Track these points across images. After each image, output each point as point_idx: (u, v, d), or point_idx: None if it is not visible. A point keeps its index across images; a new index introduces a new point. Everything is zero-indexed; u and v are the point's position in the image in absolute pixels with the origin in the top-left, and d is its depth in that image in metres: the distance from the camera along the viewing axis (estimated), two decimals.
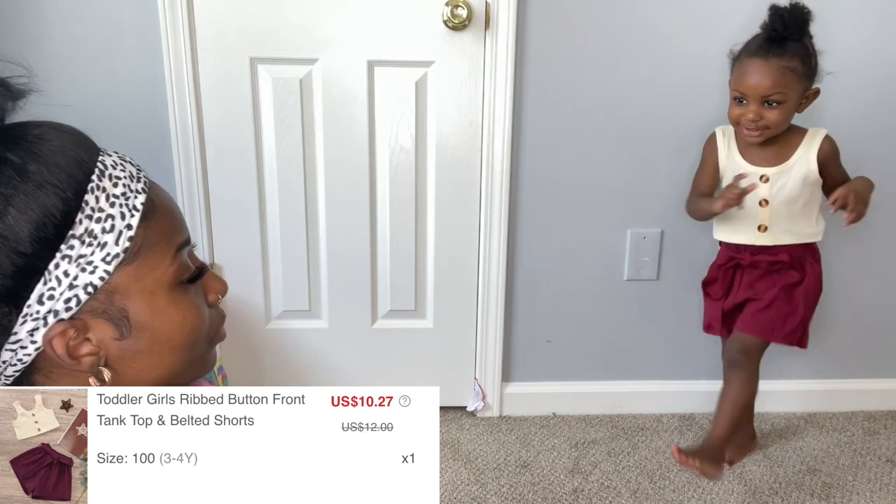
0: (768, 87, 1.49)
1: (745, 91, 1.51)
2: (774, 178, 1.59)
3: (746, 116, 1.52)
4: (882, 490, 1.73)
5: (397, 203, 1.82)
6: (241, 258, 1.84)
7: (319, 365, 1.94)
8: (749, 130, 1.54)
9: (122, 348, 0.64)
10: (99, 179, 0.62)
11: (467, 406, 1.98)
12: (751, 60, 1.51)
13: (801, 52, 1.50)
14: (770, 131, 1.54)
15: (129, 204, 0.63)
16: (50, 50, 1.65)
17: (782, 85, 1.49)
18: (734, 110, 1.55)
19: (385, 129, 1.76)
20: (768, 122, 1.52)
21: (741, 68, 1.53)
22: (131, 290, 0.63)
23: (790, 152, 1.59)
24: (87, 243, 0.60)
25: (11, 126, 0.62)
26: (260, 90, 1.73)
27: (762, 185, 1.59)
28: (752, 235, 1.63)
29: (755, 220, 1.62)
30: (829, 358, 2.00)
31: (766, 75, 1.49)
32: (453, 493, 1.70)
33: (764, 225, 1.61)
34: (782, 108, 1.51)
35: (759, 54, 1.50)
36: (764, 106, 1.51)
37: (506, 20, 1.67)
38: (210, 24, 1.67)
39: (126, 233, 0.62)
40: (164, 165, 1.73)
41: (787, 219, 1.61)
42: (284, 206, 1.81)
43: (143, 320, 0.64)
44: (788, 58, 1.49)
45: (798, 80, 1.50)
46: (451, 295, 1.90)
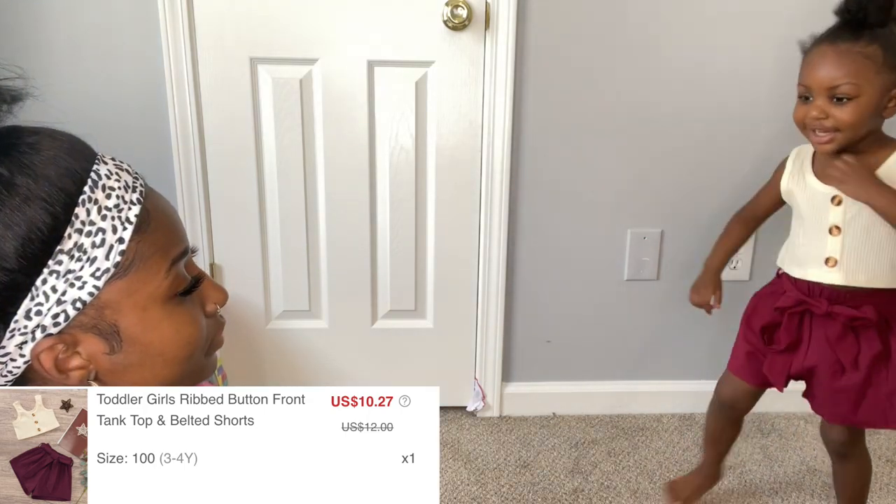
0: (835, 76, 1.23)
1: (808, 84, 1.27)
2: (848, 199, 1.30)
3: (810, 115, 1.27)
4: (882, 490, 1.73)
5: (397, 203, 1.82)
6: (241, 258, 1.84)
7: (319, 365, 1.94)
8: (816, 134, 1.28)
9: (113, 362, 0.63)
10: (91, 191, 0.60)
11: (467, 406, 1.98)
12: (817, 48, 1.28)
13: (884, 38, 1.24)
14: (842, 135, 1.26)
15: (123, 216, 0.61)
16: (50, 50, 1.65)
17: (853, 74, 1.22)
18: (798, 110, 1.30)
19: (385, 129, 1.76)
20: (837, 121, 1.25)
21: (807, 58, 1.30)
22: (122, 305, 0.62)
23: (874, 168, 1.30)
24: (76, 258, 0.59)
25: (4, 133, 0.60)
26: (260, 90, 1.73)
27: (835, 208, 1.32)
28: (818, 270, 1.35)
29: (823, 250, 1.35)
30: None
31: (832, 63, 1.24)
32: (453, 493, 1.70)
33: (833, 258, 1.33)
34: (855, 104, 1.24)
35: (826, 40, 1.27)
36: (832, 102, 1.25)
37: (506, 20, 1.67)
38: (210, 24, 1.67)
39: (117, 247, 0.60)
40: (164, 166, 1.73)
41: (865, 253, 1.32)
42: (284, 206, 1.81)
43: (134, 335, 0.63)
44: (864, 43, 1.23)
45: (877, 70, 1.23)
46: (451, 295, 1.90)
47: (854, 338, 1.35)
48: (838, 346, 1.35)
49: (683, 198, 1.79)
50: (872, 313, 1.32)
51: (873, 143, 1.30)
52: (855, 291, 1.33)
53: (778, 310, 1.41)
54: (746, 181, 1.84)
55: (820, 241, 1.34)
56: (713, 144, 1.81)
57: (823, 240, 1.33)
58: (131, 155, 1.73)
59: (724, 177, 1.82)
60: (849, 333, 1.35)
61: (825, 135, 1.26)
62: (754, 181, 1.86)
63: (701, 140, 1.72)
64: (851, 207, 1.30)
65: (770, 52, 1.73)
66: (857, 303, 1.33)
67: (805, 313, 1.39)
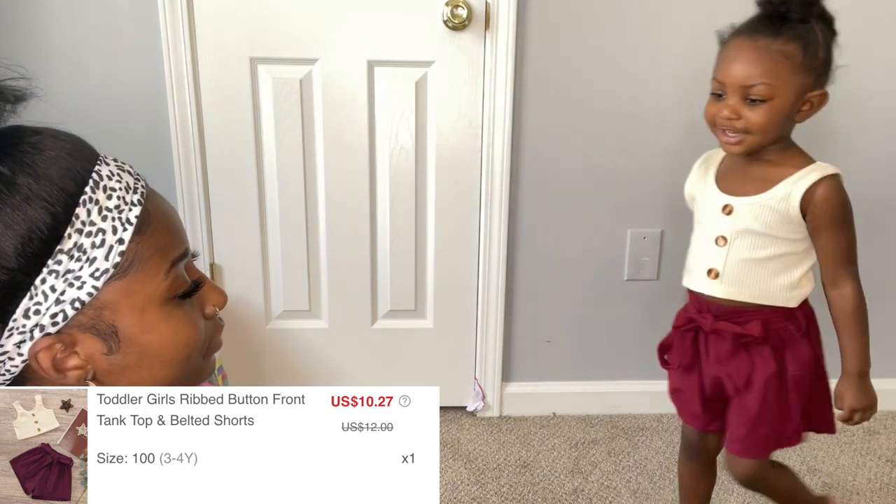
0: (750, 75, 1.13)
1: (723, 80, 1.17)
2: (739, 210, 1.22)
3: (722, 114, 1.17)
4: (882, 490, 1.73)
5: (397, 203, 1.82)
6: (241, 258, 1.84)
7: (319, 365, 1.94)
8: (726, 134, 1.19)
9: (111, 363, 0.63)
10: (92, 191, 0.60)
11: (467, 406, 1.98)
12: (735, 41, 1.17)
13: (804, 37, 1.14)
14: (752, 138, 1.17)
15: (123, 217, 0.61)
16: (50, 50, 1.65)
17: (770, 74, 1.13)
18: (710, 107, 1.21)
19: (385, 129, 1.76)
20: (749, 123, 1.15)
21: (723, 51, 1.20)
22: (121, 306, 0.62)
23: (774, 181, 1.20)
24: (75, 258, 0.59)
25: (7, 133, 0.61)
26: (260, 90, 1.73)
27: (724, 218, 1.24)
28: (701, 280, 1.28)
29: (707, 260, 1.27)
30: (830, 358, 1.99)
31: (749, 60, 1.14)
32: (453, 493, 1.70)
33: (715, 269, 1.25)
34: (769, 107, 1.14)
35: (745, 33, 1.17)
36: (745, 102, 1.15)
37: (506, 20, 1.67)
38: (210, 24, 1.67)
39: (117, 247, 0.60)
40: (164, 166, 1.73)
41: (749, 268, 1.24)
42: (284, 206, 1.81)
43: (132, 336, 0.63)
44: (784, 40, 1.13)
45: (794, 71, 1.13)
46: (450, 295, 1.90)
47: (747, 355, 1.27)
48: (729, 364, 1.28)
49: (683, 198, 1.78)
50: (759, 330, 1.24)
51: (781, 150, 1.21)
52: (741, 307, 1.26)
53: (673, 329, 1.35)
54: None
55: (706, 250, 1.27)
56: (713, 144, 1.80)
57: (709, 249, 1.26)
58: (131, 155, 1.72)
59: None
60: (740, 351, 1.27)
61: (735, 136, 1.18)
62: None
63: (701, 140, 1.71)
64: (741, 220, 1.22)
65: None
66: (744, 319, 1.25)
67: (698, 331, 1.31)
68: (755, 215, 1.20)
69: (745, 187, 1.22)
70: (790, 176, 1.18)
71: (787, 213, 1.19)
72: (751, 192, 1.21)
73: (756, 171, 1.22)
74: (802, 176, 1.18)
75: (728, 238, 1.23)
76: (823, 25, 1.16)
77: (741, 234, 1.22)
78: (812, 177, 1.17)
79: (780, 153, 1.21)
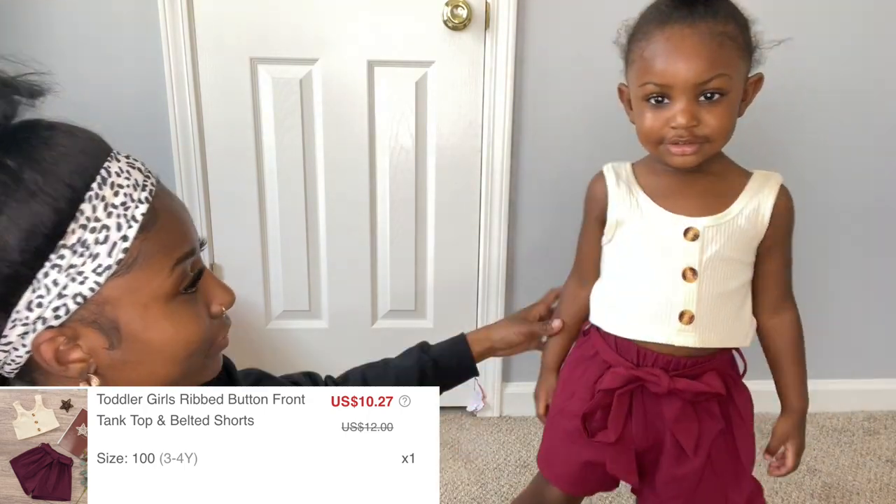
0: (704, 68, 0.90)
1: (665, 81, 0.93)
2: (707, 234, 0.99)
3: (676, 122, 0.93)
4: (882, 490, 1.73)
5: (397, 203, 1.82)
6: (241, 258, 1.84)
7: (319, 365, 1.94)
8: (679, 146, 0.95)
9: (113, 358, 0.64)
10: (99, 188, 0.61)
11: (467, 406, 1.98)
12: (668, 30, 0.93)
13: (736, 14, 0.95)
14: (710, 146, 0.95)
15: (129, 214, 0.62)
16: (50, 50, 1.65)
17: (723, 62, 0.91)
18: (653, 119, 0.96)
19: (385, 129, 1.76)
20: (709, 128, 0.93)
21: (650, 47, 0.94)
22: (123, 302, 0.62)
23: (729, 196, 1.00)
24: (78, 253, 0.60)
25: (21, 126, 0.62)
26: (260, 90, 1.73)
27: (689, 245, 0.99)
28: (667, 329, 1.01)
29: (673, 302, 1.00)
30: (829, 358, 2.00)
31: (695, 50, 0.91)
32: (453, 493, 1.70)
33: (689, 312, 1.00)
34: (727, 102, 0.93)
35: (676, 18, 0.92)
36: (699, 102, 0.93)
37: (506, 20, 1.67)
38: (210, 24, 1.67)
39: (121, 244, 0.61)
40: (164, 165, 1.73)
41: (719, 306, 1.01)
42: (284, 206, 1.81)
43: (134, 332, 0.64)
44: (723, 20, 0.92)
45: (740, 54, 0.93)
46: (451, 295, 1.90)
47: (694, 414, 1.05)
48: (678, 427, 1.05)
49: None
50: (720, 385, 1.03)
51: (719, 156, 1.02)
52: (695, 357, 1.03)
53: (604, 392, 1.07)
54: None
55: (670, 288, 1.00)
56: None
57: (675, 286, 1.00)
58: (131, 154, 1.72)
59: None
60: (689, 409, 1.05)
61: (693, 146, 0.94)
62: None
63: None
64: (711, 244, 0.99)
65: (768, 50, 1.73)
66: (699, 370, 1.04)
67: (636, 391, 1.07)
68: (727, 237, 0.99)
69: (697, 205, 1.00)
70: (744, 186, 1.01)
71: (756, 231, 1.00)
72: (707, 211, 0.99)
73: (700, 185, 1.01)
74: (760, 185, 1.01)
75: (698, 270, 0.99)
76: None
77: (712, 262, 0.99)
78: (773, 184, 1.01)
79: (719, 161, 1.02)
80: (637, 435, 1.08)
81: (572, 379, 1.13)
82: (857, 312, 1.96)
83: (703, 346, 1.02)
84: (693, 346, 1.01)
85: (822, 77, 1.75)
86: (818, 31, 1.71)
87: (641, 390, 1.06)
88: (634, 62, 0.98)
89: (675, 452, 1.08)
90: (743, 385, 1.09)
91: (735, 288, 1.02)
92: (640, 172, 1.07)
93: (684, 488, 1.09)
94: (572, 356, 1.16)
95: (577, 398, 1.10)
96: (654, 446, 1.09)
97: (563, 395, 1.14)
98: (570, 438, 1.11)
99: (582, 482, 1.15)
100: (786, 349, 1.07)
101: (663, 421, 1.06)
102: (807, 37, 1.69)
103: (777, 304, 1.06)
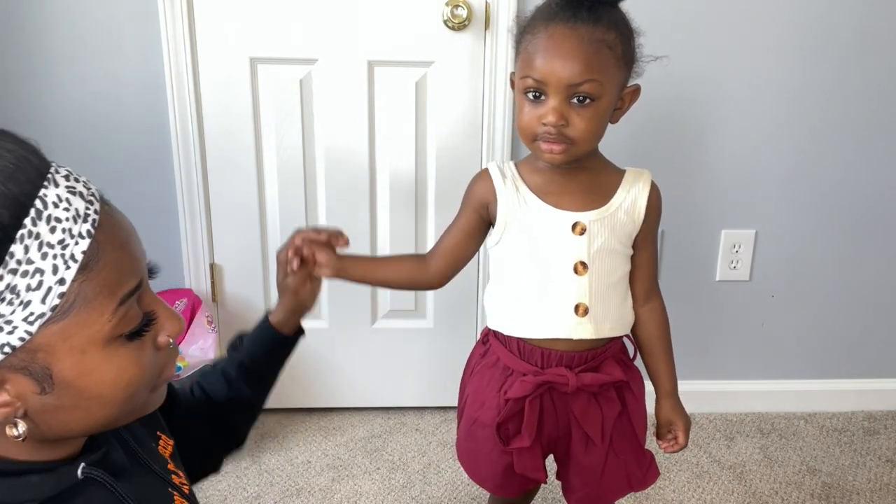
0: (578, 71, 0.94)
1: (543, 78, 0.96)
2: (593, 228, 1.04)
3: (547, 119, 0.97)
4: (882, 490, 1.73)
5: (397, 203, 1.82)
6: (241, 258, 1.84)
7: (319, 365, 1.94)
8: (548, 143, 0.99)
9: (44, 403, 0.57)
10: (33, 224, 0.53)
11: None
12: (551, 28, 0.96)
13: (622, 24, 0.99)
14: (577, 149, 1.00)
15: (67, 254, 0.54)
16: (50, 50, 1.65)
17: (597, 68, 0.95)
18: (527, 113, 1.00)
19: (385, 129, 1.76)
20: (576, 130, 0.97)
21: (534, 43, 0.98)
22: (57, 349, 0.55)
23: (608, 190, 1.07)
24: (6, 301, 0.52)
25: None
26: (260, 90, 1.73)
27: (577, 239, 1.04)
28: (565, 323, 1.05)
29: (570, 295, 1.05)
30: (829, 358, 2.00)
31: (574, 52, 0.94)
32: (453, 492, 1.70)
33: (583, 304, 1.04)
34: (596, 107, 0.97)
35: (561, 19, 0.96)
36: (571, 103, 0.97)
37: (506, 20, 1.66)
38: (210, 24, 1.67)
39: (56, 289, 0.54)
40: (164, 166, 1.73)
41: (608, 296, 1.07)
42: (284, 206, 1.81)
43: (68, 379, 0.57)
44: (604, 28, 0.95)
45: (616, 64, 0.98)
46: (451, 295, 1.90)
47: (597, 403, 1.10)
48: (585, 419, 1.10)
49: (684, 197, 1.79)
50: (619, 372, 1.09)
51: (594, 154, 1.08)
52: (593, 349, 1.08)
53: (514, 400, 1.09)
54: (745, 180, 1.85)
55: (562, 282, 1.04)
56: (713, 144, 1.81)
57: (566, 281, 1.04)
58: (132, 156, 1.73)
59: (724, 177, 1.82)
60: (592, 400, 1.10)
61: (560, 145, 0.99)
62: (753, 180, 1.86)
63: (701, 140, 1.72)
64: (597, 237, 1.04)
65: (766, 53, 1.73)
66: (598, 361, 1.09)
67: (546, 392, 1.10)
68: (610, 230, 1.05)
69: (581, 201, 1.05)
70: (620, 181, 1.07)
71: (634, 224, 1.07)
72: (590, 205, 1.05)
73: (580, 181, 1.06)
74: (634, 180, 1.08)
75: (588, 263, 1.04)
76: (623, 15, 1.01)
77: (599, 255, 1.05)
78: (645, 179, 1.08)
79: (595, 158, 1.08)
80: (547, 432, 1.13)
81: (480, 389, 1.15)
82: (857, 312, 1.96)
83: (598, 336, 1.07)
84: (590, 337, 1.06)
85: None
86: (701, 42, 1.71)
87: (549, 390, 1.10)
88: (520, 54, 1.02)
89: (583, 442, 1.13)
90: (634, 366, 1.16)
91: (619, 278, 1.09)
92: (524, 171, 1.09)
93: (594, 475, 1.14)
94: (477, 365, 1.18)
95: (487, 407, 1.13)
96: (563, 436, 1.14)
97: (475, 406, 1.16)
98: (488, 446, 1.14)
99: (509, 484, 1.18)
100: (658, 336, 1.15)
101: (570, 414, 1.11)
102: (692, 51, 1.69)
103: (647, 293, 1.13)
